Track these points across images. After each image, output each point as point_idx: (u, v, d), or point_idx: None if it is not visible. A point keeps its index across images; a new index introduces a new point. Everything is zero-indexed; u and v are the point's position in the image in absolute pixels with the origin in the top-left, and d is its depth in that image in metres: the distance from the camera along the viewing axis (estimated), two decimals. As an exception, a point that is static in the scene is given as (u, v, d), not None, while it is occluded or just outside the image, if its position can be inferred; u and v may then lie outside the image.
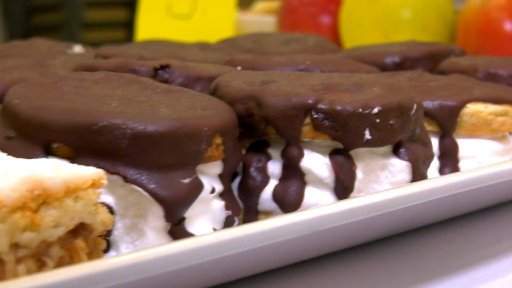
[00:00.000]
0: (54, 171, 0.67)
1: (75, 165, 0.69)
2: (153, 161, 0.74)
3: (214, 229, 0.80)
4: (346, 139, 0.83)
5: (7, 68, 1.02)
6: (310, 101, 0.83)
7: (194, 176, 0.76)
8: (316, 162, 0.84)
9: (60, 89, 0.82)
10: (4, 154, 0.73)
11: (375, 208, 0.75)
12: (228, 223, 0.81)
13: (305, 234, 0.73)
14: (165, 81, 0.94)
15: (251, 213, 0.85)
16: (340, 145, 0.84)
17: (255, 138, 0.86)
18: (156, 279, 0.65)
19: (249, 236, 0.69)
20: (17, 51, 1.29)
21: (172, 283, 0.69)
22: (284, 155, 0.84)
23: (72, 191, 0.67)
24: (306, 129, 0.83)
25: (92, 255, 0.69)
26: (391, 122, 0.84)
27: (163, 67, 0.95)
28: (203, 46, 1.37)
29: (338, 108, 0.82)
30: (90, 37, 3.32)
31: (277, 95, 0.83)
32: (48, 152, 0.75)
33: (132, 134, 0.73)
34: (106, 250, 0.73)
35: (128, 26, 3.53)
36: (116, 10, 3.70)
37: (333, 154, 0.84)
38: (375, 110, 0.83)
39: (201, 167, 0.78)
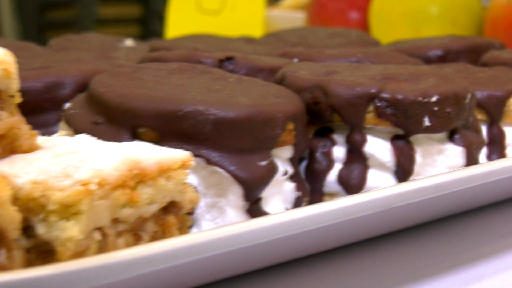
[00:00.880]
0: (149, 153, 0.71)
1: (165, 148, 0.74)
2: (232, 144, 0.78)
3: (286, 209, 0.84)
4: (407, 125, 0.87)
5: (76, 60, 1.07)
6: (373, 90, 0.87)
7: (270, 159, 0.80)
8: (378, 147, 0.88)
9: (140, 78, 0.86)
10: (94, 138, 0.78)
11: (440, 188, 0.79)
12: (297, 203, 0.86)
13: (368, 213, 0.77)
14: (230, 72, 0.99)
15: (316, 194, 0.89)
16: (400, 131, 0.88)
17: (320, 125, 0.91)
18: (240, 252, 0.69)
19: (323, 214, 0.73)
20: (72, 44, 1.33)
21: (251, 258, 0.74)
22: (349, 141, 0.88)
23: (164, 171, 0.71)
24: (369, 116, 0.88)
25: (180, 231, 0.74)
26: (447, 110, 0.88)
27: (228, 59, 1.00)
28: (248, 40, 1.41)
29: (400, 96, 0.87)
30: (103, 33, 3.36)
31: (343, 85, 0.88)
32: (134, 136, 0.79)
33: (214, 119, 0.77)
34: (189, 227, 0.78)
35: (141, 22, 3.57)
36: (129, 6, 3.73)
37: (394, 139, 0.89)
38: (434, 98, 0.87)
39: (274, 151, 0.82)
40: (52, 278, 0.56)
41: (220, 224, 0.80)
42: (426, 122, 0.88)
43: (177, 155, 0.73)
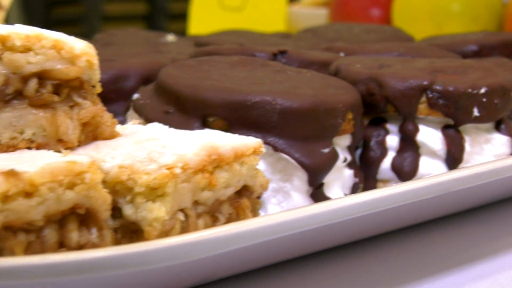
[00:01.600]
0: (224, 139, 0.75)
1: (236, 135, 0.77)
2: (297, 133, 0.82)
3: (345, 194, 0.87)
4: (457, 116, 0.91)
5: (131, 54, 1.10)
6: (425, 83, 0.90)
7: (332, 146, 0.84)
8: (430, 136, 0.92)
9: (206, 70, 0.90)
10: (166, 127, 0.81)
11: (492, 173, 0.82)
12: (354, 189, 0.89)
13: (424, 198, 0.80)
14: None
15: (370, 181, 0.93)
16: (450, 121, 0.92)
17: (374, 115, 0.94)
18: (307, 234, 0.72)
19: (383, 198, 0.76)
20: (116, 39, 1.36)
21: (316, 239, 0.77)
22: (402, 130, 0.92)
23: (239, 156, 0.75)
24: (422, 107, 0.91)
25: (252, 213, 0.77)
26: (495, 101, 0.92)
27: (281, 53, 1.03)
28: (284, 36, 1.44)
29: (451, 88, 0.90)
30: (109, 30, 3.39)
31: (397, 77, 0.91)
32: (204, 125, 0.83)
33: (281, 109, 0.81)
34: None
35: (147, 19, 3.58)
36: (135, 3, 3.75)
37: (445, 129, 0.92)
38: (482, 90, 0.91)
39: (335, 139, 0.86)
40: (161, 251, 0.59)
41: (285, 207, 0.83)
42: (475, 112, 0.91)
43: (249, 141, 0.76)
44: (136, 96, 0.90)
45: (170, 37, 1.49)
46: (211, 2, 2.27)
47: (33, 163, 0.64)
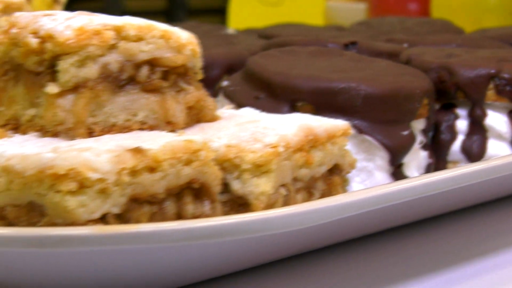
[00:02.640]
0: (317, 122, 0.80)
1: (326, 118, 0.82)
2: (379, 116, 0.87)
3: (420, 174, 0.92)
4: (523, 101, 0.96)
5: (210, 45, 1.14)
6: (493, 71, 0.95)
7: (410, 129, 0.89)
8: (497, 120, 0.97)
9: (289, 60, 0.95)
10: (258, 111, 0.86)
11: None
12: (427, 169, 0.94)
13: (492, 178, 0.84)
14: (354, 55, 1.07)
15: (441, 162, 0.98)
16: (516, 106, 0.97)
17: (445, 101, 0.99)
18: (388, 209, 0.76)
19: (459, 176, 0.80)
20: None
21: (398, 214, 0.81)
22: (471, 115, 0.97)
23: (331, 137, 0.79)
24: (489, 93, 0.96)
25: (342, 190, 0.82)
26: (556, 88, 0.97)
27: (352, 43, 1.08)
28: (338, 28, 1.48)
29: (517, 76, 0.95)
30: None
31: (467, 66, 0.96)
32: (292, 109, 0.88)
33: (365, 94, 0.86)
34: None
35: (166, 14, 3.61)
36: None
37: (511, 113, 0.97)
38: (545, 78, 0.96)
39: (412, 123, 0.91)
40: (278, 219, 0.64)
41: (368, 185, 0.88)
42: (539, 98, 0.96)
43: (339, 124, 0.81)
44: (225, 83, 0.95)
45: (231, 30, 1.54)
46: (250, -4, 2.30)
47: (154, 141, 0.69)
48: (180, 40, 0.78)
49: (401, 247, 0.84)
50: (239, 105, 0.89)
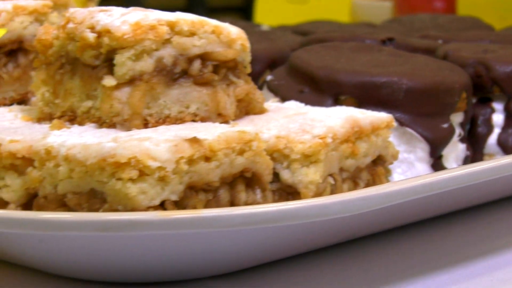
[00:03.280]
0: (362, 114, 0.82)
1: (370, 111, 0.84)
2: (420, 109, 0.89)
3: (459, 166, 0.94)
4: (557, 95, 0.98)
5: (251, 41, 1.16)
6: (529, 66, 0.98)
7: (450, 122, 0.91)
8: (532, 113, 0.99)
9: (332, 54, 0.97)
10: (302, 104, 0.88)
11: None
12: (465, 161, 0.96)
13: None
14: (390, 51, 1.08)
15: (477, 155, 1.00)
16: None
17: (481, 95, 1.01)
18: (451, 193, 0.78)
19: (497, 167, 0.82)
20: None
21: (441, 203, 0.83)
22: (507, 108, 0.99)
23: (375, 129, 0.81)
24: (525, 88, 0.98)
25: (385, 180, 0.84)
26: None
27: (389, 39, 1.10)
28: (369, 25, 1.49)
29: (552, 71, 0.97)
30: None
31: (503, 61, 0.98)
32: (336, 102, 0.90)
33: (406, 88, 0.88)
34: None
35: (186, 12, 3.62)
36: None
37: (545, 106, 0.99)
38: None
39: (451, 116, 0.93)
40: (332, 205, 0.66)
41: (409, 176, 0.90)
42: None
43: (382, 116, 0.83)
44: (269, 77, 0.97)
45: (265, 27, 1.56)
46: (277, -5, 2.31)
47: (208, 132, 0.71)
48: (230, 35, 0.80)
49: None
50: (283, 98, 0.91)
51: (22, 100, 0.96)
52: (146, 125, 0.76)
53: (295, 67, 0.94)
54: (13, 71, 0.94)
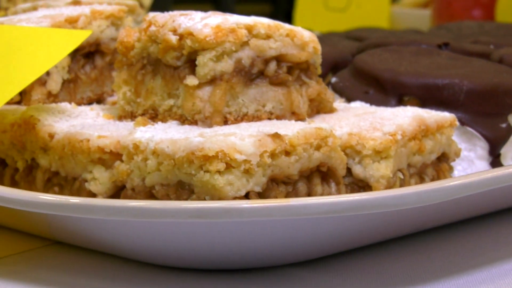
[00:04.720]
0: (427, 114, 0.85)
1: (434, 111, 0.87)
2: (480, 110, 0.92)
3: (516, 164, 0.97)
4: None
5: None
6: None
7: (508, 122, 0.94)
8: None
9: (394, 57, 1.00)
10: (368, 104, 0.92)
11: None
12: (519, 160, 0.99)
13: None
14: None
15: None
16: None
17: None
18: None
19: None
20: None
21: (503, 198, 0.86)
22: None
23: (440, 128, 0.84)
24: None
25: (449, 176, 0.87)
26: None
27: (445, 44, 1.12)
28: (416, 31, 1.51)
29: None
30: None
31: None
32: (399, 103, 0.93)
33: (467, 89, 0.91)
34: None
35: (214, 1, 3.63)
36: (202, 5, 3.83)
37: None
38: None
39: (508, 116, 0.96)
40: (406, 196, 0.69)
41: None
42: None
43: (446, 116, 0.86)
44: (334, 79, 1.00)
45: (316, 33, 1.58)
46: (316, 3, 2.31)
47: (287, 129, 0.74)
48: (303, 38, 0.83)
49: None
50: (349, 99, 0.95)
51: (98, 100, 0.99)
52: (225, 122, 0.79)
53: (360, 70, 0.97)
54: (90, 72, 0.98)
